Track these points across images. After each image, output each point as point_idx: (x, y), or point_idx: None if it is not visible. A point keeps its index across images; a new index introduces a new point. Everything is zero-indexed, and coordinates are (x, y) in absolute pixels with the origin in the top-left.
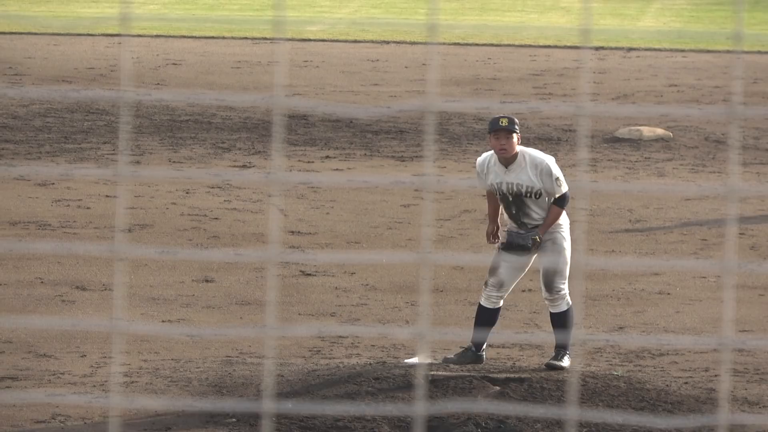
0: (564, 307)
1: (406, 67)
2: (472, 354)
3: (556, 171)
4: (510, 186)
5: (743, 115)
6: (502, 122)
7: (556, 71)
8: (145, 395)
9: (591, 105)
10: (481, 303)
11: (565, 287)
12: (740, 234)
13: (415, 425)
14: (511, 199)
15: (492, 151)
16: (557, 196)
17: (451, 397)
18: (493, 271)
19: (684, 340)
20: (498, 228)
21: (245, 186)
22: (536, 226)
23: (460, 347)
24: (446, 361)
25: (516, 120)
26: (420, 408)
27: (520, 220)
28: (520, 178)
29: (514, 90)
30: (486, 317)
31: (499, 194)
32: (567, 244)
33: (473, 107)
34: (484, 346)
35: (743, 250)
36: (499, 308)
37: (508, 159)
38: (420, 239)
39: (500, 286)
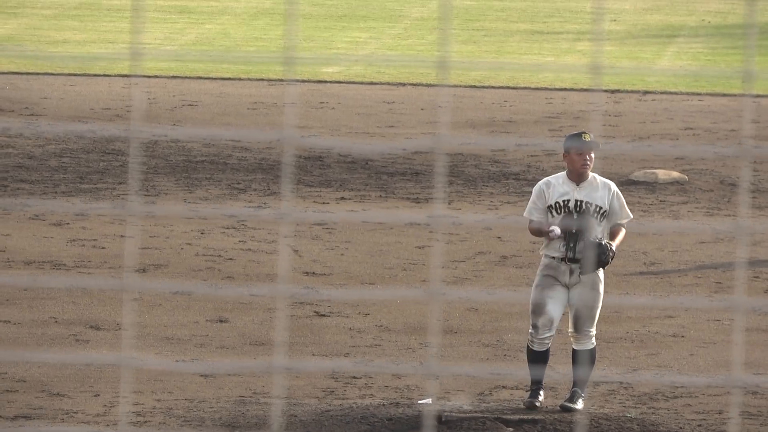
0: (588, 346)
1: (422, 109)
2: (534, 407)
3: (623, 198)
4: (579, 203)
5: (754, 153)
6: (585, 137)
7: (572, 114)
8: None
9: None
10: (534, 348)
11: (593, 330)
12: (755, 277)
13: None
14: (575, 216)
15: (557, 174)
16: (623, 221)
17: None
18: (538, 310)
19: (693, 380)
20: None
21: (259, 226)
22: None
23: (527, 390)
24: (502, 421)
25: (593, 135)
26: None
27: (576, 242)
28: (592, 196)
29: (529, 132)
30: (540, 362)
31: (564, 211)
32: (602, 288)
33: (486, 145)
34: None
35: (757, 293)
36: (548, 349)
37: (582, 176)
38: (434, 279)
39: (551, 324)
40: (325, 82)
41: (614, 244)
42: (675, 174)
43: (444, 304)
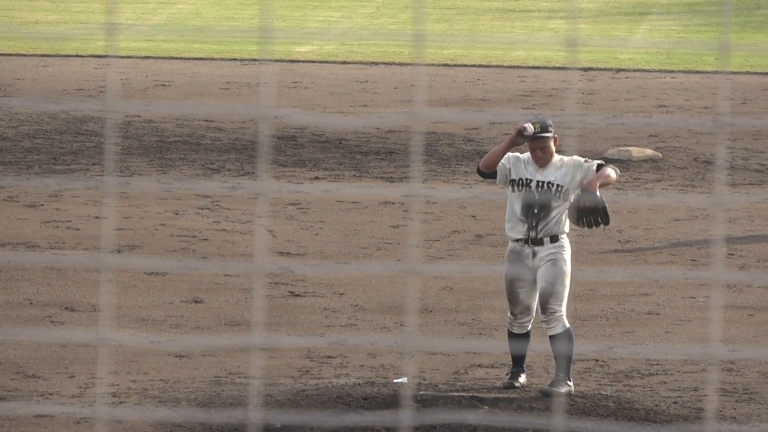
0: (559, 329)
1: (395, 88)
2: (513, 387)
3: (580, 157)
4: (540, 184)
5: (729, 125)
6: (536, 128)
7: (545, 92)
8: (132, 415)
9: (577, 116)
10: (513, 331)
11: (560, 309)
12: (729, 254)
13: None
14: (537, 197)
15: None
16: (591, 168)
17: (440, 417)
18: (513, 300)
19: (669, 350)
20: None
21: (234, 206)
22: (549, 237)
23: (508, 373)
24: (477, 399)
25: (549, 121)
26: (406, 418)
27: (536, 223)
28: (554, 175)
29: (503, 111)
30: (519, 346)
31: (526, 191)
32: (568, 268)
33: (459, 121)
34: (524, 365)
35: (732, 271)
36: (528, 332)
37: (543, 162)
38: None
39: (528, 310)
40: (298, 61)
41: (591, 182)
42: (649, 151)
43: (418, 283)
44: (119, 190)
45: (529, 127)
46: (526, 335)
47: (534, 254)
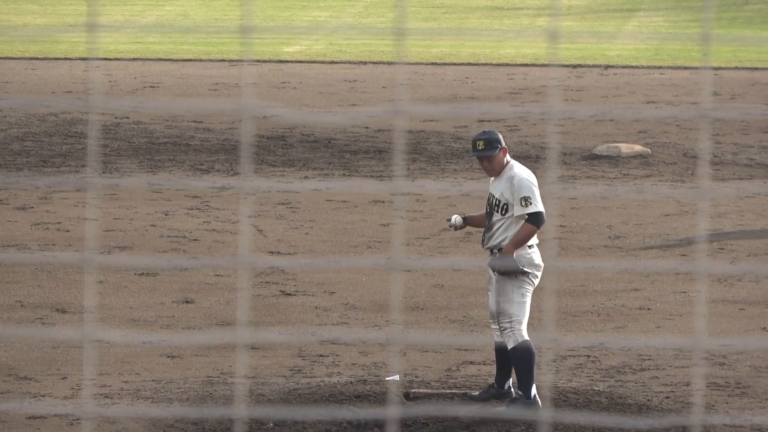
0: (510, 344)
1: (383, 87)
2: (494, 391)
3: (527, 191)
4: (490, 197)
5: (713, 116)
6: (478, 145)
7: (533, 89)
8: (125, 416)
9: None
10: (495, 340)
11: (509, 325)
12: (720, 249)
13: (389, 429)
14: (487, 210)
15: None
16: (515, 215)
17: (431, 414)
18: (487, 303)
19: (654, 342)
20: (464, 220)
21: (223, 207)
22: (496, 247)
23: (487, 383)
24: (469, 397)
25: (495, 136)
26: (393, 411)
27: (484, 235)
28: (498, 189)
29: (492, 109)
30: (500, 354)
31: (487, 204)
32: (511, 285)
33: (441, 113)
34: (509, 382)
35: (717, 262)
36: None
37: (495, 176)
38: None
39: (493, 317)
40: (287, 62)
41: (507, 247)
42: (638, 147)
43: (409, 280)
44: (105, 191)
45: (453, 221)
46: (504, 348)
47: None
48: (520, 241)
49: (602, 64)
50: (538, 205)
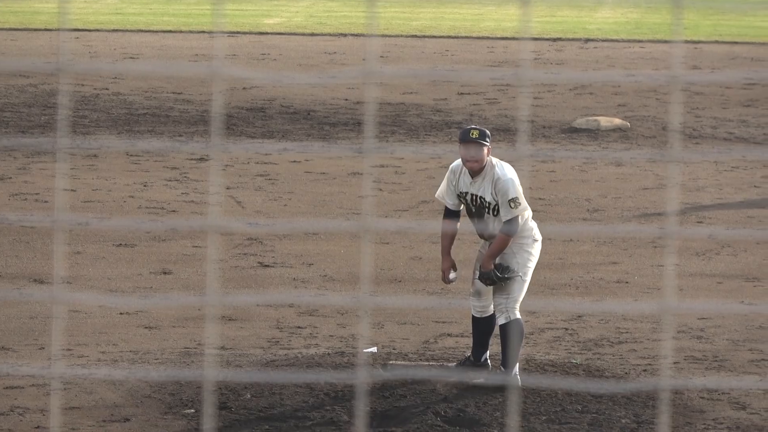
0: (502, 321)
1: (363, 59)
2: (470, 363)
3: (512, 192)
4: (474, 198)
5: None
6: (472, 134)
7: (513, 63)
8: (103, 386)
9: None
10: (472, 314)
11: (505, 302)
12: (698, 222)
13: (357, 393)
14: (474, 210)
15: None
16: (503, 219)
17: (410, 386)
18: (472, 281)
19: (624, 306)
20: (451, 264)
21: (201, 178)
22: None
23: (464, 355)
24: (447, 369)
25: (487, 132)
26: (361, 375)
27: (483, 235)
28: (482, 191)
29: (471, 81)
30: (477, 327)
31: (465, 205)
32: (518, 266)
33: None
34: (486, 355)
35: (701, 239)
36: (488, 317)
37: (475, 171)
38: (381, 234)
39: (478, 295)
40: (267, 33)
41: (484, 265)
42: (617, 121)
43: (387, 253)
44: (84, 162)
45: (450, 278)
46: (482, 322)
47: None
48: (495, 253)
49: (582, 37)
50: (523, 207)
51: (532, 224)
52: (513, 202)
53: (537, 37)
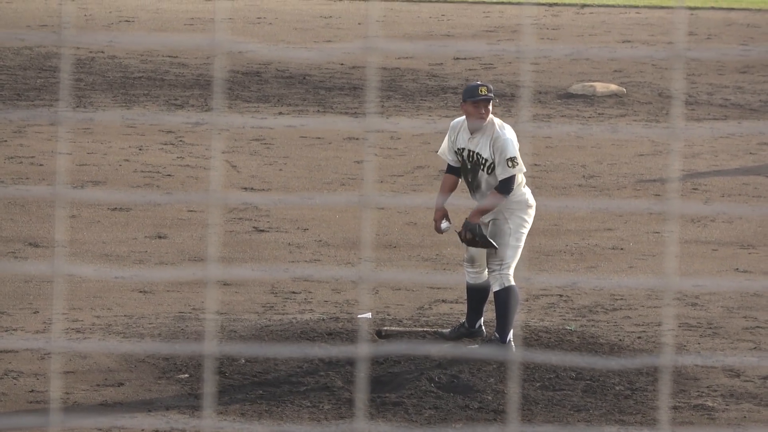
0: (496, 287)
1: (359, 24)
2: (465, 330)
3: (512, 151)
4: (471, 154)
5: (686, 56)
6: (482, 91)
7: (509, 27)
8: (97, 351)
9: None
10: (466, 280)
11: (498, 268)
12: (693, 189)
13: (359, 365)
14: (469, 167)
15: (463, 117)
16: (500, 178)
17: (404, 353)
18: (466, 247)
19: (627, 281)
20: (444, 214)
21: (197, 142)
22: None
23: (458, 322)
24: (440, 335)
25: (493, 88)
26: (363, 349)
27: (473, 193)
28: (480, 147)
29: (467, 46)
30: (472, 294)
31: (461, 161)
32: (508, 230)
33: (415, 50)
34: (480, 321)
35: (689, 202)
36: (482, 283)
37: (477, 127)
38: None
39: (472, 261)
40: None
41: (471, 219)
42: (613, 87)
43: (382, 218)
44: (79, 125)
45: (442, 227)
46: (476, 289)
47: None
48: (484, 210)
49: (578, 2)
50: (521, 167)
51: (526, 190)
52: (511, 161)
53: (533, 2)
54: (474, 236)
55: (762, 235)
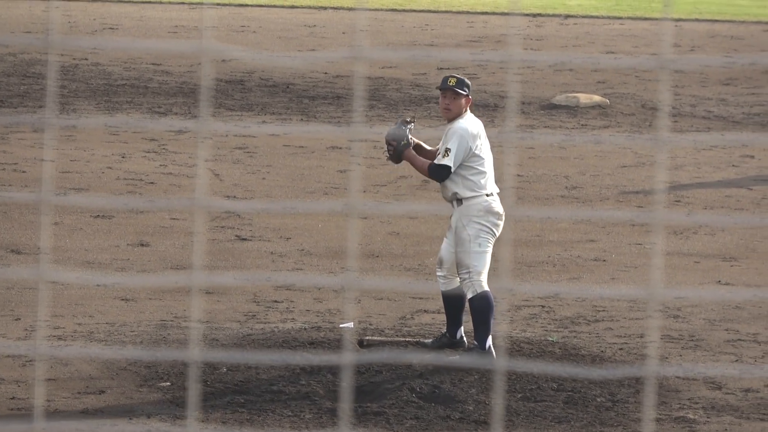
0: (469, 294)
1: (343, 33)
2: (447, 340)
3: (453, 143)
4: (439, 143)
5: (672, 65)
6: (450, 81)
7: (493, 38)
8: (78, 358)
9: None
10: (440, 288)
11: (468, 276)
12: (676, 201)
13: (344, 374)
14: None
15: None
16: (435, 162)
17: (386, 362)
18: (440, 250)
19: (609, 292)
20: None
21: (180, 150)
22: (450, 199)
23: (440, 332)
24: (422, 345)
25: (467, 81)
26: (347, 357)
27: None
28: (443, 138)
29: (451, 56)
30: (446, 302)
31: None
32: (468, 236)
33: (400, 58)
34: (461, 331)
35: (673, 212)
36: (453, 290)
37: (448, 119)
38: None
39: (440, 263)
40: (246, 5)
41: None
42: (596, 98)
43: (365, 228)
44: (62, 132)
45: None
46: (450, 296)
47: (452, 214)
48: (415, 167)
49: (562, 13)
50: (450, 161)
51: (491, 198)
52: (447, 151)
53: (517, 12)
54: (395, 139)
55: (744, 248)
